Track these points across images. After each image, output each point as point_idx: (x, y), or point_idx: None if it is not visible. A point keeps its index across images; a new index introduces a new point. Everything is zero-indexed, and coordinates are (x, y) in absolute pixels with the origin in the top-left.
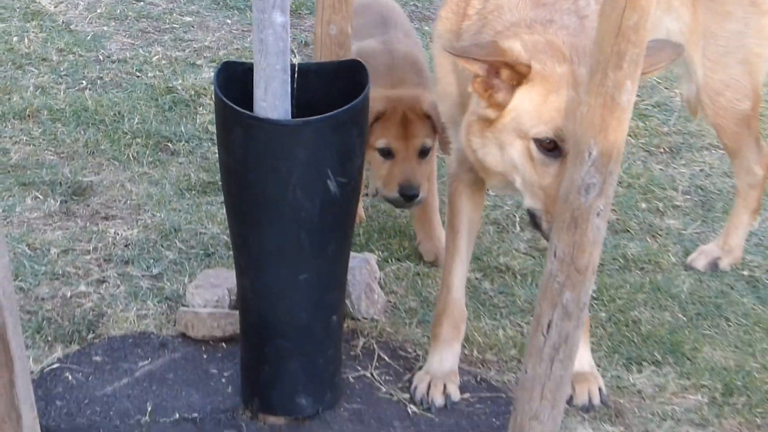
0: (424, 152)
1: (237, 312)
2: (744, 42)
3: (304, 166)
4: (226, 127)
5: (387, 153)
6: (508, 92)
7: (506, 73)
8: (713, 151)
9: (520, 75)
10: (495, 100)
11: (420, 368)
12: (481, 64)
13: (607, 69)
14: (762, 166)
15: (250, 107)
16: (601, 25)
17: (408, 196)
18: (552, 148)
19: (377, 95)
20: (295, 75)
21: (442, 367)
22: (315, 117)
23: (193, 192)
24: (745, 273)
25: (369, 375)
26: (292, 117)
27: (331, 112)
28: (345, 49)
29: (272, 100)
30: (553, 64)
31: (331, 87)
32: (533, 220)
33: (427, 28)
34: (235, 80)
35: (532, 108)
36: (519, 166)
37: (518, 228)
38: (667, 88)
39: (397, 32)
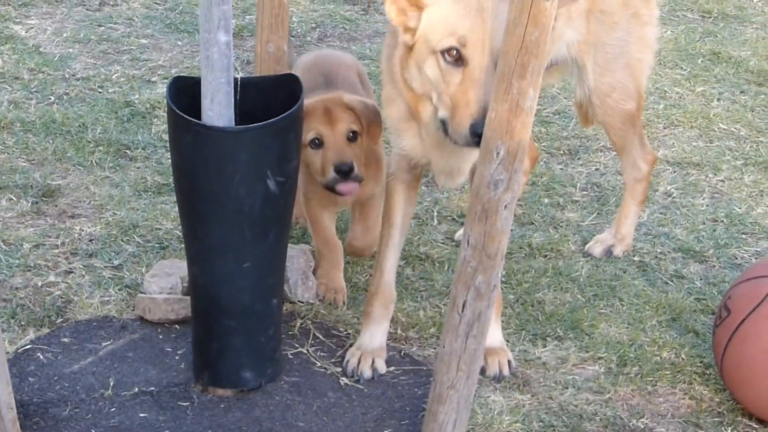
0: (352, 137)
1: (188, 297)
2: (627, 49)
3: (246, 167)
4: (178, 134)
5: (317, 143)
6: (417, 18)
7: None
8: (606, 153)
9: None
10: (409, 26)
11: (351, 345)
12: None
13: (512, 78)
14: (646, 162)
15: (199, 116)
16: (507, 40)
17: (343, 172)
18: (456, 57)
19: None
20: (238, 88)
21: (372, 343)
22: (255, 124)
23: (149, 193)
24: (636, 258)
25: (306, 351)
26: (236, 125)
27: (269, 120)
28: (282, 64)
29: (218, 109)
30: None
31: (270, 98)
32: (444, 129)
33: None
34: (185, 93)
35: (436, 25)
36: (432, 80)
37: (436, 221)
38: (565, 98)
39: (340, 88)
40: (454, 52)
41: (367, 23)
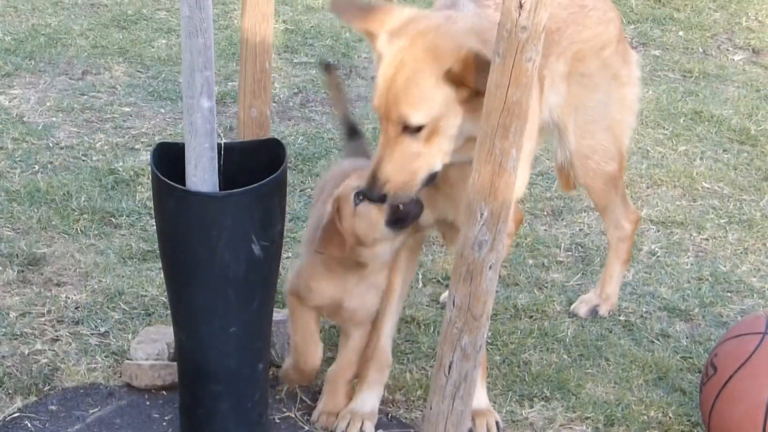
0: None
1: (175, 363)
2: (608, 111)
3: (230, 232)
4: (162, 200)
5: (361, 198)
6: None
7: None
8: (590, 213)
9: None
10: None
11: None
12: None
13: (494, 139)
14: (629, 221)
15: (183, 182)
16: (488, 101)
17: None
18: None
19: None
20: (221, 153)
21: (364, 407)
22: (239, 189)
23: (135, 259)
24: (622, 318)
25: (293, 416)
26: (220, 189)
27: (253, 185)
28: (264, 129)
29: (201, 174)
30: (397, 36)
31: (254, 162)
32: None
33: None
34: (169, 159)
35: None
36: None
37: (421, 284)
38: (548, 160)
39: None
40: None
41: (349, 87)
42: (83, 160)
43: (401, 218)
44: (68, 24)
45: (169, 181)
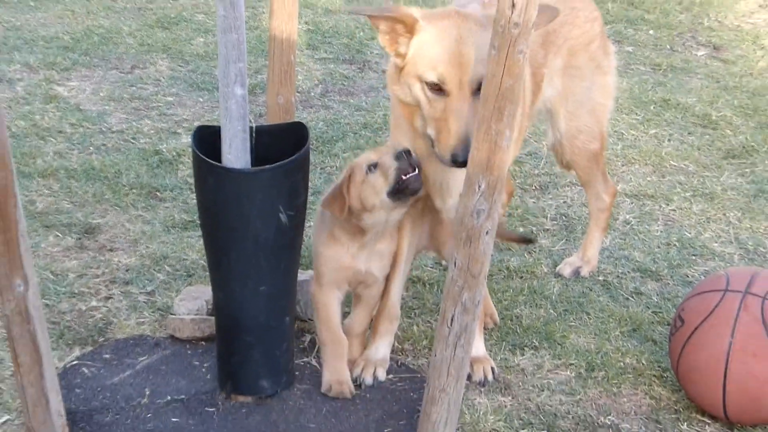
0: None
1: (213, 317)
2: (592, 96)
3: (261, 203)
4: (201, 176)
5: (372, 168)
6: (407, 44)
7: (400, 27)
8: (573, 188)
9: (410, 27)
10: (399, 51)
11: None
12: (379, 19)
13: (491, 122)
14: (608, 194)
15: (219, 160)
16: (485, 89)
17: (403, 154)
18: (438, 89)
19: None
20: (253, 134)
21: (377, 354)
22: (268, 166)
23: (177, 228)
24: (600, 278)
25: (312, 362)
26: (252, 166)
27: (280, 162)
28: (290, 114)
29: (236, 153)
30: (440, 19)
31: (281, 143)
32: (431, 143)
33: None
34: (207, 140)
35: (422, 55)
36: (420, 101)
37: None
38: (536, 142)
39: None
40: (435, 85)
41: (363, 80)
42: (132, 143)
43: (401, 190)
44: (118, 25)
45: (207, 159)
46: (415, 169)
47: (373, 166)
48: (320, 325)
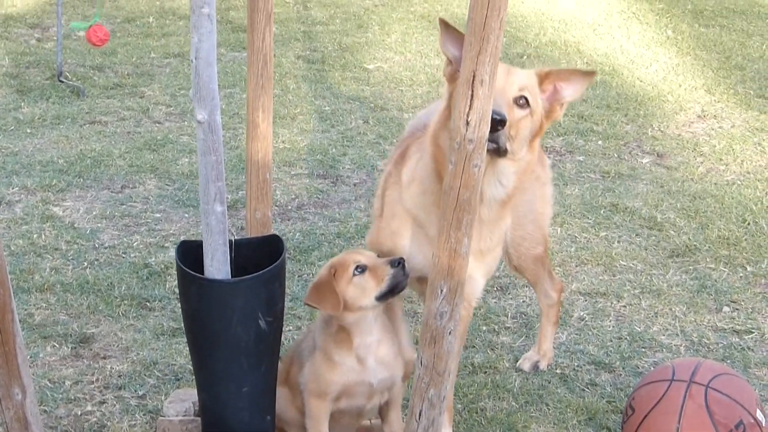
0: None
1: (199, 418)
2: (534, 206)
3: (241, 311)
4: (185, 287)
5: (360, 270)
6: None
7: None
8: (530, 289)
9: None
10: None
11: None
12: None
13: (450, 230)
14: (555, 291)
15: (202, 272)
16: (444, 201)
17: (398, 261)
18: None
19: None
20: (233, 247)
21: None
22: (248, 276)
23: (166, 336)
24: (558, 371)
25: None
26: (232, 277)
27: (258, 272)
28: (267, 227)
29: (217, 265)
30: None
31: (259, 254)
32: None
33: None
34: (191, 253)
35: None
36: None
37: None
38: None
39: None
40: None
41: (336, 193)
42: (123, 257)
43: (390, 291)
44: (109, 148)
45: (190, 272)
46: (407, 278)
47: (360, 268)
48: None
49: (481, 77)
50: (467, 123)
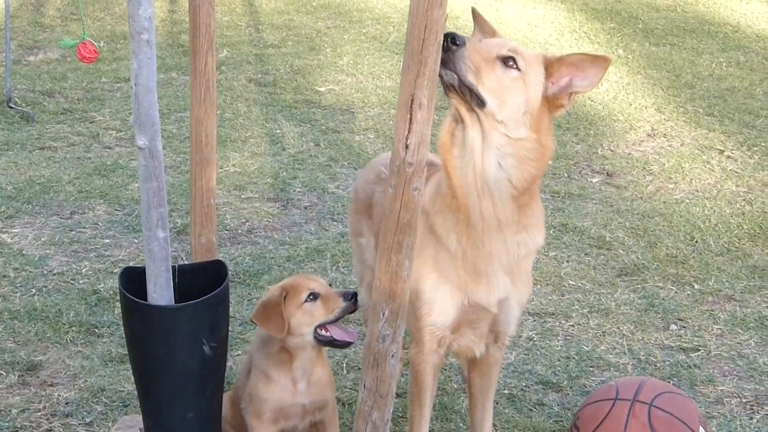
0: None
1: None
2: None
3: (185, 337)
4: (129, 313)
5: (313, 297)
6: None
7: None
8: None
9: None
10: None
11: None
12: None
13: (391, 254)
14: None
15: (145, 298)
16: (384, 224)
17: (351, 295)
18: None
19: None
20: (176, 273)
21: None
22: (191, 302)
23: (114, 362)
24: (506, 392)
25: None
26: (175, 303)
27: (202, 298)
28: (212, 252)
29: (160, 291)
30: None
31: (203, 280)
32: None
33: None
34: (135, 280)
35: None
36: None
37: (345, 371)
38: None
39: None
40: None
41: (287, 216)
42: (71, 284)
43: (331, 342)
44: (59, 174)
45: (133, 298)
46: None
47: (313, 295)
48: None
49: (419, 100)
50: (406, 146)
